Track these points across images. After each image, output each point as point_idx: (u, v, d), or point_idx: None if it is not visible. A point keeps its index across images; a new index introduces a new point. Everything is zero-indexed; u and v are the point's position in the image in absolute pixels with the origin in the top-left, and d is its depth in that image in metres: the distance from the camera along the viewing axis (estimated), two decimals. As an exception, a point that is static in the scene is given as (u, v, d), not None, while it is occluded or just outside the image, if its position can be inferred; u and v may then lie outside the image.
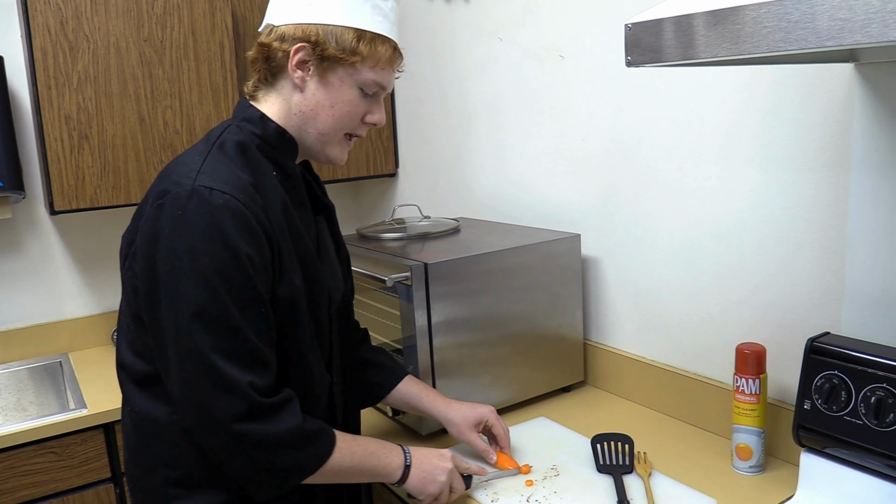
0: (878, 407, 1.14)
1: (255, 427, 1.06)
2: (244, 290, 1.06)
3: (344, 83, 1.17)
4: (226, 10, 2.19)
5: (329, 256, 1.32)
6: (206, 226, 1.04)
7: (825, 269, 1.34)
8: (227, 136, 1.16)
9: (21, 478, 1.82)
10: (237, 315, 1.05)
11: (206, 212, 1.04)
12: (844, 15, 0.71)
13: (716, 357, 1.57)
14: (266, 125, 1.18)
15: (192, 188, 1.05)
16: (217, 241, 1.04)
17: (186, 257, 1.03)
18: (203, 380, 1.05)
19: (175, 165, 1.14)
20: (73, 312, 2.42)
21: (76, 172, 2.04)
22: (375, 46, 1.16)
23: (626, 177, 1.71)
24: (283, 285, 1.13)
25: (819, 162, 1.32)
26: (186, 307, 1.04)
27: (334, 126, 1.20)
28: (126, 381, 1.20)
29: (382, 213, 2.76)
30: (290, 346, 1.16)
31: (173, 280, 1.04)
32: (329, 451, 1.14)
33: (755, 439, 1.37)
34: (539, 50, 1.91)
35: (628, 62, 0.98)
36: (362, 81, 1.18)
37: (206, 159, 1.11)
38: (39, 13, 1.94)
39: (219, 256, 1.04)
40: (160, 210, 1.06)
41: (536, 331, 1.72)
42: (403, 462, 1.23)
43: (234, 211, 1.05)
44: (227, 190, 1.06)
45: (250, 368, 1.07)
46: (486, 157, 2.17)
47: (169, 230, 1.05)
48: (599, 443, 1.47)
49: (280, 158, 1.19)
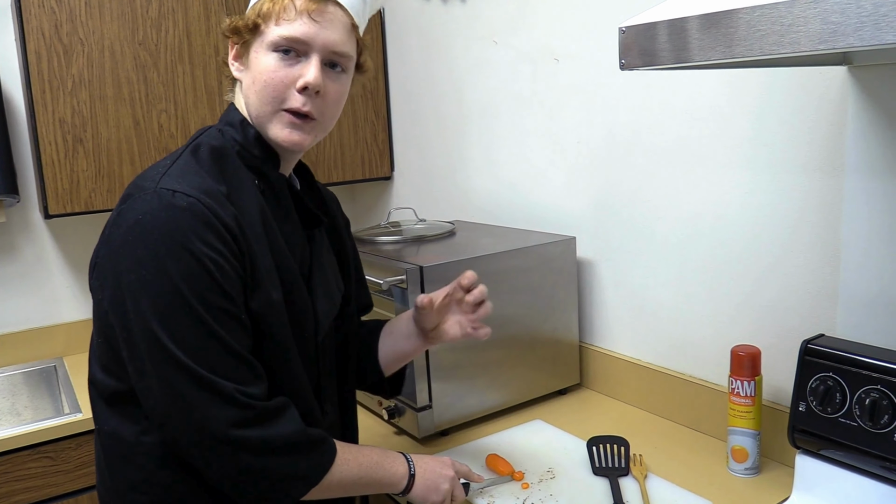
0: (872, 409, 1.14)
1: (253, 432, 1.00)
2: (214, 295, 0.99)
3: (258, 53, 1.08)
4: (220, 12, 2.19)
5: (324, 277, 1.23)
6: (169, 230, 0.97)
7: (820, 272, 1.34)
8: (205, 139, 1.11)
9: (15, 482, 1.81)
10: (210, 321, 0.99)
11: (168, 215, 0.97)
12: (837, 18, 0.71)
13: (711, 359, 1.57)
14: (246, 130, 1.12)
15: (154, 190, 0.99)
16: (181, 245, 0.97)
17: (151, 264, 0.97)
18: (187, 391, 0.98)
19: (145, 171, 1.08)
20: (67, 316, 2.41)
21: (71, 176, 2.04)
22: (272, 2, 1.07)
23: (621, 179, 1.72)
24: (256, 298, 1.05)
25: (813, 164, 1.33)
26: (155, 316, 0.97)
27: (259, 102, 1.09)
28: (95, 398, 1.12)
29: (378, 216, 2.76)
30: (271, 367, 1.08)
31: (140, 289, 0.97)
32: (331, 459, 1.09)
33: (750, 441, 1.37)
34: (534, 53, 1.91)
35: (622, 65, 0.98)
36: (271, 42, 1.06)
37: (175, 162, 1.06)
38: (34, 16, 1.94)
39: (184, 261, 0.97)
40: (120, 216, 1.01)
41: (532, 333, 1.73)
42: (408, 471, 1.19)
43: (199, 214, 0.98)
44: (191, 192, 0.99)
45: (233, 373, 1.00)
46: (482, 160, 2.18)
47: (132, 237, 0.98)
48: (595, 445, 1.47)
49: (262, 167, 1.12)
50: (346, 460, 1.11)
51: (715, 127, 1.49)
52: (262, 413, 1.02)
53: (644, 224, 1.67)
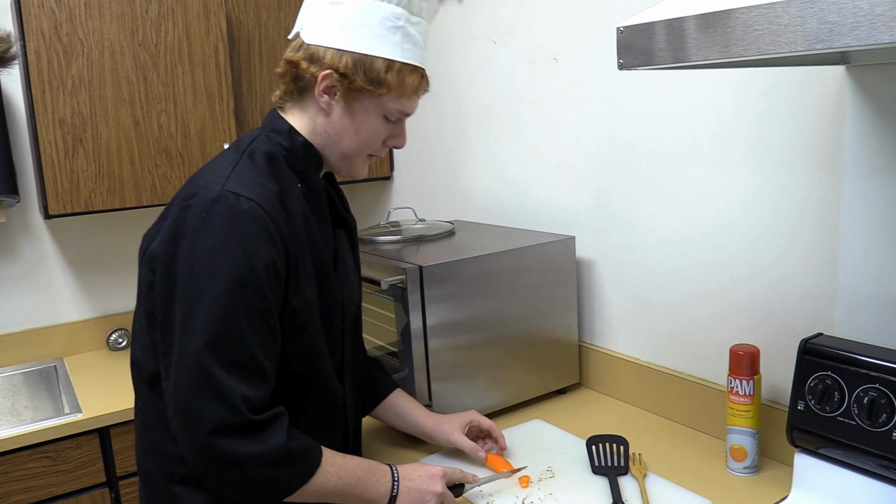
0: (870, 407, 1.15)
1: (233, 444, 1.04)
2: (256, 298, 1.06)
3: (368, 112, 1.19)
4: (220, 13, 2.19)
5: (346, 268, 1.32)
6: (230, 231, 1.05)
7: (818, 271, 1.34)
8: (257, 145, 1.18)
9: (16, 483, 1.81)
10: (245, 325, 1.05)
11: (230, 216, 1.05)
12: (833, 18, 0.71)
13: (710, 358, 1.57)
14: (294, 138, 1.19)
15: (220, 192, 1.07)
16: (238, 246, 1.05)
17: (205, 261, 1.04)
18: (196, 383, 1.03)
19: (205, 171, 1.16)
20: (67, 317, 2.42)
21: (70, 176, 2.04)
22: (403, 77, 1.17)
23: (620, 179, 1.72)
24: (297, 297, 1.14)
25: (812, 163, 1.33)
26: (198, 311, 1.04)
27: (357, 149, 1.22)
28: (137, 378, 1.21)
29: (377, 216, 2.76)
30: (308, 356, 1.18)
31: (190, 280, 1.05)
32: (311, 472, 1.12)
33: (749, 440, 1.38)
34: (533, 53, 1.92)
35: (620, 65, 0.99)
36: (387, 110, 1.20)
37: (235, 166, 1.13)
38: (34, 17, 1.94)
39: (237, 261, 1.04)
40: (185, 211, 1.08)
41: (531, 333, 1.73)
42: (389, 492, 1.20)
43: (258, 218, 1.06)
44: (254, 197, 1.08)
45: (247, 381, 1.05)
46: (481, 159, 2.18)
47: (192, 231, 1.06)
48: (594, 444, 1.47)
49: (305, 172, 1.21)
50: (327, 473, 1.14)
51: (713, 126, 1.49)
52: (251, 425, 1.06)
53: (643, 223, 1.68)
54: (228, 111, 2.24)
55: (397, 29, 1.15)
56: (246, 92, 2.33)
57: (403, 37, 1.16)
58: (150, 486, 1.22)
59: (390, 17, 1.15)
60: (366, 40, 1.14)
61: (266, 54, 2.35)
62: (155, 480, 1.19)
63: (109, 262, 2.46)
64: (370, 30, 1.14)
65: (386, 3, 1.15)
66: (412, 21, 1.17)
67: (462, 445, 1.41)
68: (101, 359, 2.36)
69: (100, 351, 2.44)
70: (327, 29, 1.15)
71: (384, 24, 1.14)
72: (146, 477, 1.23)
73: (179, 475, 1.15)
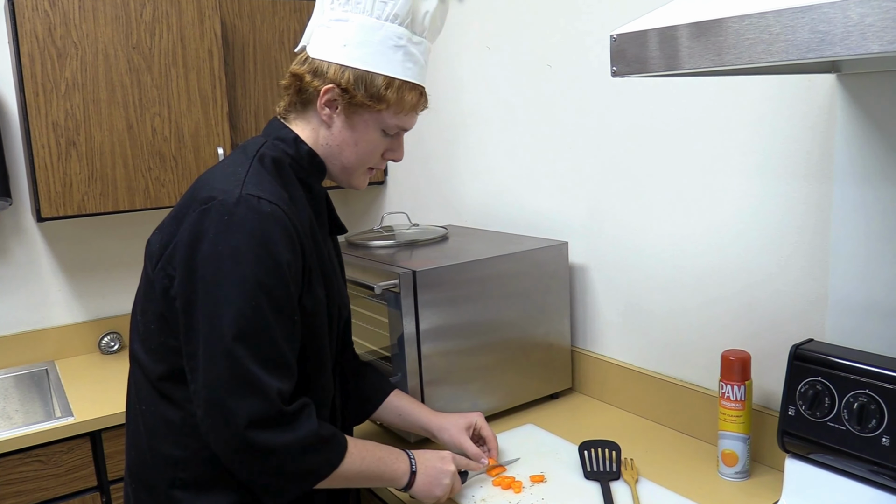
0: (860, 413, 1.15)
1: (269, 436, 1.07)
2: (282, 297, 1.09)
3: (368, 126, 1.22)
4: (215, 17, 2.19)
5: (338, 274, 1.35)
6: (253, 232, 1.07)
7: (809, 277, 1.35)
8: (265, 151, 1.20)
9: (6, 486, 1.80)
10: (273, 322, 1.08)
11: (253, 218, 1.07)
12: (824, 28, 0.72)
13: (701, 364, 1.58)
14: (299, 147, 1.23)
15: (241, 195, 1.09)
16: (262, 247, 1.07)
17: (230, 262, 1.06)
18: (232, 381, 1.06)
19: (215, 175, 1.17)
20: (59, 320, 2.41)
21: (63, 179, 2.04)
22: (402, 94, 1.21)
23: (613, 185, 1.73)
24: (309, 297, 1.17)
25: (802, 171, 1.34)
26: (226, 311, 1.06)
27: (357, 162, 1.26)
28: (141, 379, 1.20)
29: (371, 220, 2.77)
30: (313, 355, 1.20)
31: (215, 283, 1.06)
32: (341, 455, 1.16)
33: (741, 445, 1.38)
34: (527, 59, 1.92)
35: (614, 72, 0.99)
36: (386, 125, 1.23)
37: (248, 171, 1.15)
38: (27, 20, 1.94)
39: (262, 263, 1.07)
40: (205, 214, 1.09)
41: (524, 338, 1.73)
42: (409, 468, 1.26)
43: (279, 220, 1.09)
44: (274, 200, 1.10)
45: (279, 375, 1.09)
46: (475, 165, 2.18)
47: (213, 234, 1.07)
48: (587, 449, 1.47)
49: (309, 179, 1.24)
50: (352, 454, 1.18)
51: (706, 134, 1.50)
52: (286, 415, 1.09)
53: (636, 229, 1.68)
54: (222, 115, 2.24)
55: (399, 48, 1.19)
56: (240, 96, 2.33)
57: (405, 55, 1.20)
58: (144, 494, 1.21)
59: (392, 36, 1.19)
60: (368, 57, 1.18)
61: (260, 59, 2.35)
62: (155, 487, 1.19)
63: (102, 266, 2.45)
64: (373, 47, 1.18)
65: (389, 23, 1.18)
66: (414, 41, 1.21)
67: (467, 450, 1.43)
68: (93, 362, 2.35)
69: (91, 354, 2.43)
70: (332, 45, 1.19)
71: (386, 42, 1.18)
72: (141, 485, 1.22)
73: (182, 480, 1.16)
